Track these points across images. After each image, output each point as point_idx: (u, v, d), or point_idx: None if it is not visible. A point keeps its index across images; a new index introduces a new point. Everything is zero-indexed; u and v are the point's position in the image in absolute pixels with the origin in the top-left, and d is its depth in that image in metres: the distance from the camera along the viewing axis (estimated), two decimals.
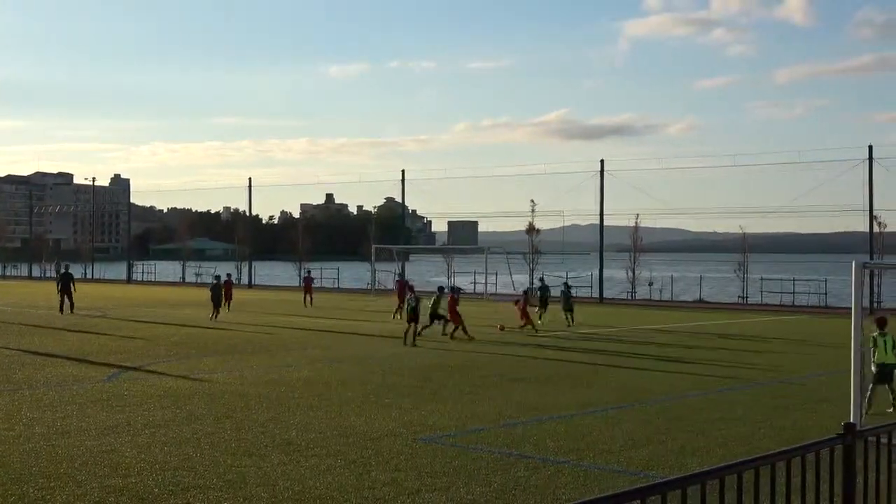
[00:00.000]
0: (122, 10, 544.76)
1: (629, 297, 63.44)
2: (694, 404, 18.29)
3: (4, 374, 21.67)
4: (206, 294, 43.52)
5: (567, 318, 37.98)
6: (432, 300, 31.28)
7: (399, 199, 77.81)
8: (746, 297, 60.31)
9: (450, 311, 31.36)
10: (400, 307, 37.02)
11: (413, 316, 28.87)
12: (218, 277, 43.29)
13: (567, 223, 78.20)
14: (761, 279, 61.60)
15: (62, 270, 44.71)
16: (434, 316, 31.01)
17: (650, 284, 68.05)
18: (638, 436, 14.85)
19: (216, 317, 38.63)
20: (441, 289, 32.66)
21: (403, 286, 38.88)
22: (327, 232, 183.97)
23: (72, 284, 42.92)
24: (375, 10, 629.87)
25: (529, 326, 34.17)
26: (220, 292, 40.98)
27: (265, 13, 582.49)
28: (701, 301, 61.32)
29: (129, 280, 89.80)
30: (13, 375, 21.41)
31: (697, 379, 22.26)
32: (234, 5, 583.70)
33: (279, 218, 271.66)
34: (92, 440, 14.06)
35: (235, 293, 45.34)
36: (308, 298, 50.84)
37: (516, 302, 36.24)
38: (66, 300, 41.99)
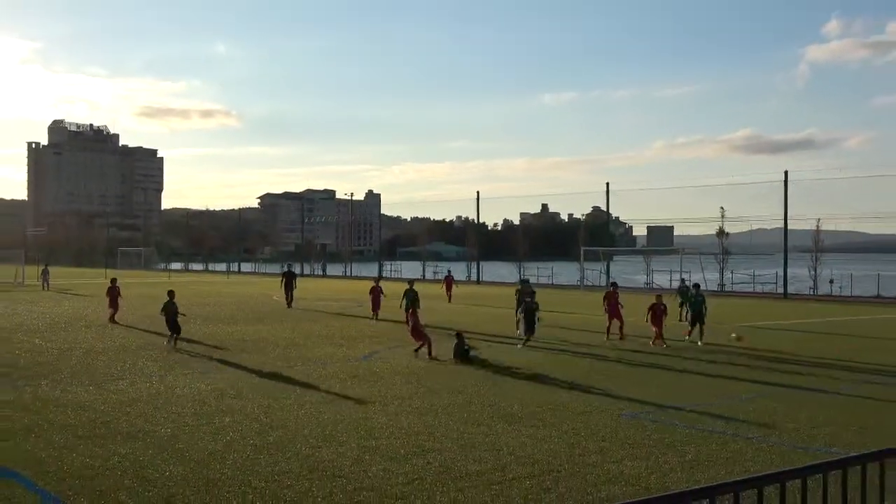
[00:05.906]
0: (388, 58, 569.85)
1: (811, 293, 60.56)
2: (876, 392, 17.25)
3: (282, 352, 22.77)
4: (441, 288, 44.74)
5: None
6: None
7: (604, 208, 76.75)
8: None
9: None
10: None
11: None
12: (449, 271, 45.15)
13: (753, 227, 75.29)
14: None
15: (286, 269, 42.51)
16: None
17: (831, 282, 64.59)
18: (820, 418, 14.15)
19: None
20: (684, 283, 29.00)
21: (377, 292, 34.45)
22: (542, 236, 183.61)
23: (294, 281, 40.96)
24: (579, 45, 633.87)
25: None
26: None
27: (488, 51, 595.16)
28: (878, 296, 57.73)
29: (380, 277, 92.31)
30: (289, 354, 22.46)
31: (870, 366, 20.97)
32: (476, 48, 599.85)
33: (502, 225, 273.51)
34: (351, 409, 14.59)
35: (466, 288, 46.03)
36: (448, 296, 42.82)
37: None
38: (289, 295, 40.20)
